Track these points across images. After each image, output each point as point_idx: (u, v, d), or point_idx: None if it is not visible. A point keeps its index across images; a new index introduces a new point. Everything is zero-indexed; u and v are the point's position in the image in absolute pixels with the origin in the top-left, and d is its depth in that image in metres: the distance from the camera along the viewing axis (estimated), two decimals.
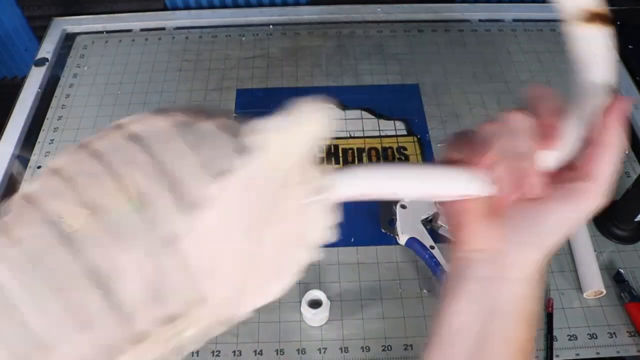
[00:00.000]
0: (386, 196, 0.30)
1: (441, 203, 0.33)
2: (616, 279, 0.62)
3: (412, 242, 0.63)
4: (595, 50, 0.31)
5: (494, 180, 0.28)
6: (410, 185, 0.30)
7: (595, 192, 0.28)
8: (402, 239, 0.64)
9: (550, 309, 0.60)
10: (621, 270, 0.63)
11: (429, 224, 0.66)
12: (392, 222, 0.66)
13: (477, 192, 0.29)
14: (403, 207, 0.65)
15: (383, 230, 0.66)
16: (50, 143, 0.77)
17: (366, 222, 0.67)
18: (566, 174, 0.29)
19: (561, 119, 0.29)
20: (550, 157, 0.29)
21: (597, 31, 0.31)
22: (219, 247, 0.26)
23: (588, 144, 0.28)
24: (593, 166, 0.28)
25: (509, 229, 0.30)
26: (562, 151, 0.29)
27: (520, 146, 0.28)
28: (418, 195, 0.30)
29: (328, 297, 0.58)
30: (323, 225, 0.28)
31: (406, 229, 0.64)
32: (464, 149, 0.30)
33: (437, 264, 0.61)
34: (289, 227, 0.27)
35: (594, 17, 0.32)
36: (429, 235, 0.63)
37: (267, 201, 0.27)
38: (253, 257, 0.27)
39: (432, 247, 0.62)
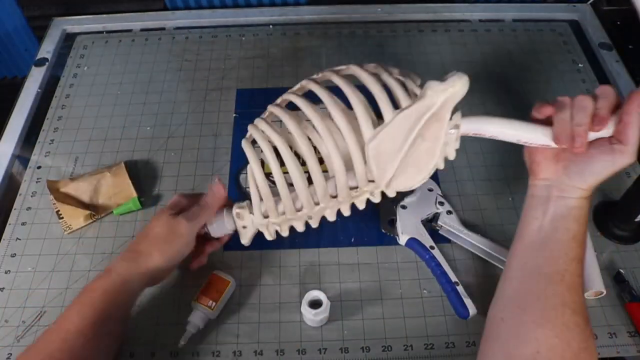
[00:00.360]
0: (491, 136, 0.50)
1: (527, 147, 0.51)
2: (616, 279, 0.62)
3: (412, 242, 0.63)
4: None
5: (557, 137, 0.46)
6: (508, 132, 0.49)
7: (628, 152, 0.45)
8: (402, 239, 0.64)
9: None
10: (621, 271, 0.63)
11: (429, 224, 0.66)
12: (392, 222, 0.66)
13: (549, 143, 0.48)
14: (403, 207, 0.65)
15: (383, 231, 0.66)
16: (50, 143, 0.77)
17: (366, 223, 0.67)
18: (608, 139, 0.46)
19: (612, 112, 0.45)
20: (595, 134, 0.46)
21: None
22: (390, 147, 0.50)
23: (620, 120, 0.44)
24: (626, 134, 0.44)
25: (565, 169, 0.49)
26: (606, 131, 0.46)
27: (580, 117, 0.45)
28: (511, 139, 0.50)
29: (328, 298, 0.58)
30: (453, 147, 0.51)
31: (406, 229, 0.64)
32: (543, 111, 0.48)
33: (438, 264, 0.61)
34: (434, 144, 0.50)
35: None
36: (429, 236, 0.63)
37: (426, 126, 0.49)
38: (408, 156, 0.50)
39: (432, 248, 0.62)
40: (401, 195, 0.66)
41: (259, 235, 0.59)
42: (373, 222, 0.67)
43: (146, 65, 0.87)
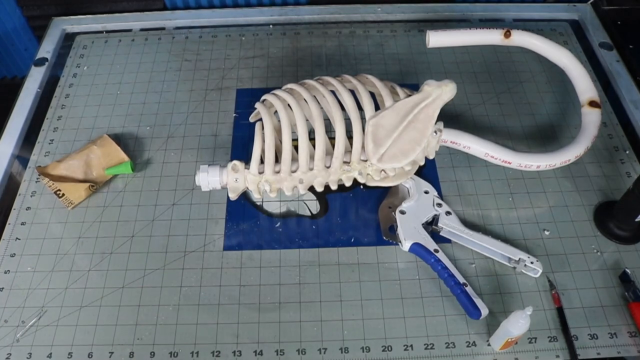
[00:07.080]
0: (465, 147, 0.66)
1: None
2: (622, 279, 0.62)
3: (416, 247, 0.62)
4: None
5: None
6: (475, 147, 0.66)
7: None
8: (406, 246, 0.63)
9: (558, 303, 0.60)
10: (627, 270, 0.62)
11: (429, 227, 0.66)
12: (392, 229, 0.66)
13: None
14: (402, 212, 0.65)
15: (385, 239, 0.65)
16: (50, 143, 0.77)
17: (366, 223, 0.67)
18: None
19: None
20: None
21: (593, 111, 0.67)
22: (387, 126, 0.60)
23: None
24: None
25: None
26: None
27: None
28: (479, 154, 0.66)
29: (328, 297, 0.58)
30: (433, 148, 0.64)
31: (408, 234, 0.63)
32: None
33: (444, 267, 0.60)
34: (421, 135, 0.60)
35: (592, 103, 0.68)
36: (431, 239, 0.63)
37: (419, 116, 0.61)
38: (400, 139, 0.60)
39: (437, 251, 0.62)
40: (399, 201, 0.66)
41: (259, 235, 0.59)
42: (373, 222, 0.67)
43: (146, 65, 0.87)
